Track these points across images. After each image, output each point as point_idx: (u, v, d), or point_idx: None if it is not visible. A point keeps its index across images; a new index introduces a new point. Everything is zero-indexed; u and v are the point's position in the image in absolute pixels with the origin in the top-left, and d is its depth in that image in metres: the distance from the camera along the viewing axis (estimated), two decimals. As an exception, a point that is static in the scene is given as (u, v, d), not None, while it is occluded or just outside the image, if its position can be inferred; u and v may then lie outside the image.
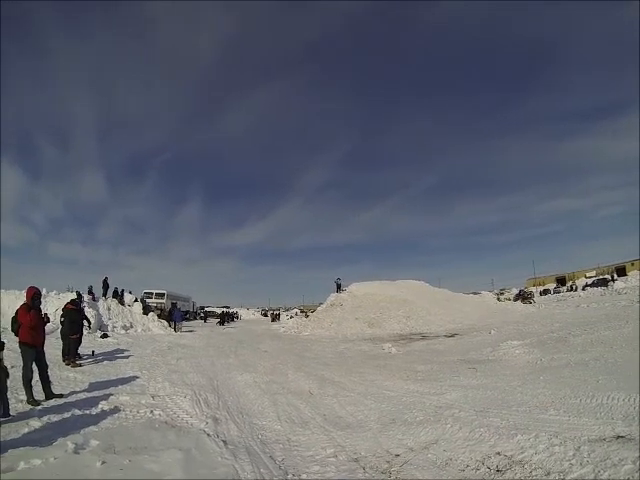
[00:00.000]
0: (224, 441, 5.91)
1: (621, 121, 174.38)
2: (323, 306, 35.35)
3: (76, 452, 5.00)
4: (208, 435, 6.16)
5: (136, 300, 30.12)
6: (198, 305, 68.03)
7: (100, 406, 7.51)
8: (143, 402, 8.01)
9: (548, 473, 4.40)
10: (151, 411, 7.38)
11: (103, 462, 4.70)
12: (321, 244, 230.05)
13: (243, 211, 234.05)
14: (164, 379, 10.51)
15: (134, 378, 10.44)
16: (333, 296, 35.89)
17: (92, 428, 6.15)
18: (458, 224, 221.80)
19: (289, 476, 4.70)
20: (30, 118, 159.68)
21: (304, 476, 4.72)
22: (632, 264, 74.05)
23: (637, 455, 4.47)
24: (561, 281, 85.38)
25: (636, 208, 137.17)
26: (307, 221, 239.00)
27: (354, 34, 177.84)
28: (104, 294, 28.67)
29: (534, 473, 4.44)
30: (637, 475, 4.07)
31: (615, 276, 65.31)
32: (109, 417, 6.85)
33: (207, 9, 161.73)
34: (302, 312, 56.76)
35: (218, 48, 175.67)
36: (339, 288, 37.33)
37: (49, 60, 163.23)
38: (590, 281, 65.37)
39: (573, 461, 4.60)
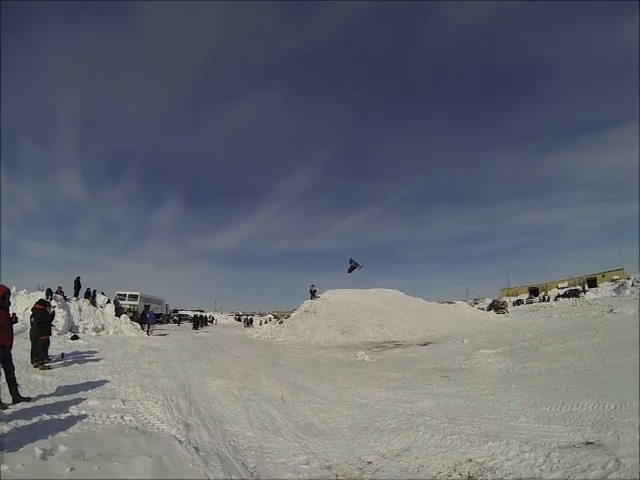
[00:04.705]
0: (196, 447, 5.85)
1: (599, 139, 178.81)
2: (297, 312, 35.22)
3: (44, 458, 4.87)
4: (179, 441, 6.08)
5: (108, 301, 29.59)
6: (172, 308, 67.28)
7: (69, 411, 7.34)
8: (113, 407, 7.87)
9: (519, 479, 4.45)
10: (121, 416, 7.25)
11: (72, 469, 4.60)
12: (298, 250, 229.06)
13: (221, 215, 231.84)
14: (135, 383, 10.34)
15: (104, 382, 10.25)
16: (307, 303, 35.83)
17: (61, 433, 6.01)
18: (434, 235, 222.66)
19: (261, 483, 4.67)
20: (9, 114, 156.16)
21: (276, 483, 4.69)
22: (602, 276, 75.96)
23: (606, 460, 4.57)
24: (534, 292, 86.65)
25: (607, 222, 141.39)
26: (285, 227, 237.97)
27: (341, 44, 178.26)
28: (76, 294, 28.20)
29: (505, 479, 4.50)
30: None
31: (586, 287, 66.87)
32: (78, 422, 6.70)
33: (197, 12, 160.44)
34: (276, 318, 56.43)
35: (206, 52, 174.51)
36: (313, 295, 37.22)
37: (32, 57, 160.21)
38: (562, 292, 66.88)
39: (543, 467, 4.69)
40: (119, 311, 29.13)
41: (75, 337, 20.02)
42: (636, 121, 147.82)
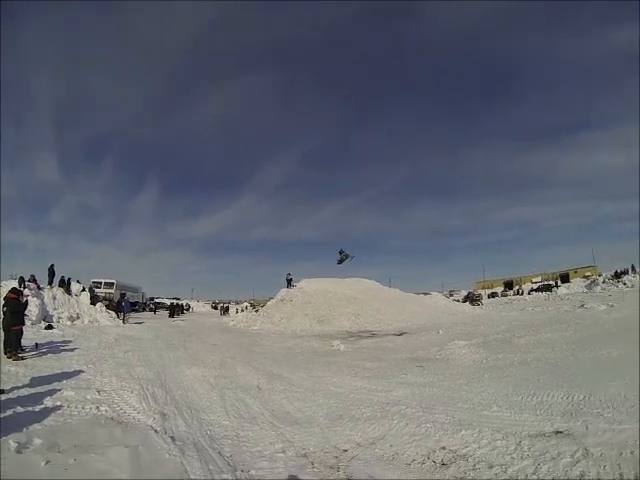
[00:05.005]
0: (172, 437, 5.85)
1: (577, 140, 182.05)
2: (273, 301, 35.43)
3: (19, 451, 4.82)
4: (156, 431, 6.08)
5: (83, 289, 29.09)
6: (148, 296, 66.56)
7: (43, 402, 7.23)
8: (89, 397, 7.79)
9: (491, 466, 4.59)
10: (97, 407, 7.18)
11: (47, 461, 4.56)
12: (276, 239, 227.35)
13: (200, 203, 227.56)
14: (111, 373, 10.25)
15: (80, 372, 10.12)
16: (283, 291, 36.01)
17: (35, 426, 5.92)
18: (413, 227, 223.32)
19: (238, 472, 4.69)
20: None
21: (253, 472, 4.73)
22: (575, 272, 78.73)
23: (575, 449, 4.73)
24: (509, 285, 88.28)
25: (583, 220, 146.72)
26: (264, 216, 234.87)
27: (324, 36, 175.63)
28: (50, 282, 27.61)
29: (477, 466, 4.63)
30: (574, 469, 4.29)
31: (559, 282, 68.80)
32: (53, 414, 6.61)
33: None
34: (252, 306, 56.27)
35: (189, 40, 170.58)
36: (289, 284, 37.42)
37: (7, 37, 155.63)
38: (535, 286, 68.93)
39: (514, 455, 4.84)
40: (94, 299, 28.68)
41: (49, 326, 19.67)
42: (617, 124, 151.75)
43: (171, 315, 43.24)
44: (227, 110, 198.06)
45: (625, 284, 46.30)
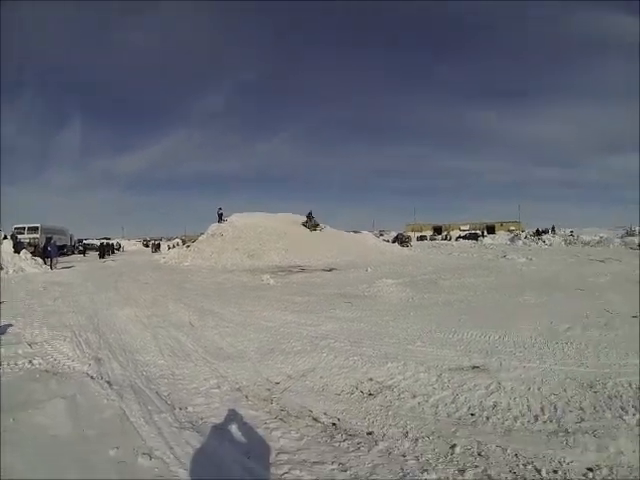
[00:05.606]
0: (108, 382, 5.84)
1: (520, 106, 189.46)
2: (204, 236, 35.63)
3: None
4: (92, 378, 6.02)
5: (5, 237, 27.69)
6: (76, 238, 64.11)
7: (-27, 362, 6.99)
8: (20, 352, 7.46)
9: (414, 396, 5.00)
10: (30, 361, 6.91)
11: (-14, 426, 4.45)
12: (208, 174, 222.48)
13: (128, 138, 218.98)
14: (41, 324, 9.91)
15: (8, 326, 9.56)
16: (214, 226, 36.14)
17: (-32, 391, 5.71)
18: (347, 164, 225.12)
19: (176, 410, 4.81)
20: None
21: (190, 409, 4.84)
22: (501, 225, 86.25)
23: (489, 382, 5.25)
24: (438, 230, 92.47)
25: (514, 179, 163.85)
26: (195, 151, 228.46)
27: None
28: (-33, 233, 26.19)
29: (402, 396, 5.02)
30: (488, 399, 4.78)
31: (485, 233, 73.27)
32: (-15, 375, 6.41)
33: None
34: (184, 242, 55.59)
35: None
36: (220, 218, 37.33)
37: None
38: (463, 234, 73.36)
39: (435, 386, 5.30)
40: (18, 246, 27.31)
41: (-30, 282, 18.73)
42: (557, 99, 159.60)
43: (101, 256, 42.19)
44: (156, 37, 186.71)
45: (544, 242, 49.41)
